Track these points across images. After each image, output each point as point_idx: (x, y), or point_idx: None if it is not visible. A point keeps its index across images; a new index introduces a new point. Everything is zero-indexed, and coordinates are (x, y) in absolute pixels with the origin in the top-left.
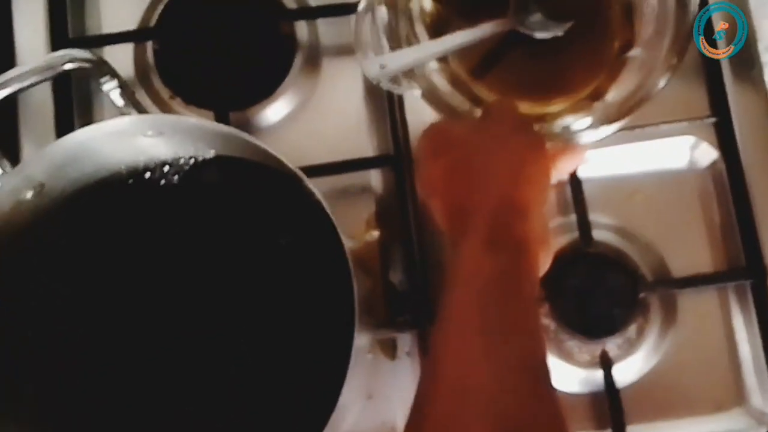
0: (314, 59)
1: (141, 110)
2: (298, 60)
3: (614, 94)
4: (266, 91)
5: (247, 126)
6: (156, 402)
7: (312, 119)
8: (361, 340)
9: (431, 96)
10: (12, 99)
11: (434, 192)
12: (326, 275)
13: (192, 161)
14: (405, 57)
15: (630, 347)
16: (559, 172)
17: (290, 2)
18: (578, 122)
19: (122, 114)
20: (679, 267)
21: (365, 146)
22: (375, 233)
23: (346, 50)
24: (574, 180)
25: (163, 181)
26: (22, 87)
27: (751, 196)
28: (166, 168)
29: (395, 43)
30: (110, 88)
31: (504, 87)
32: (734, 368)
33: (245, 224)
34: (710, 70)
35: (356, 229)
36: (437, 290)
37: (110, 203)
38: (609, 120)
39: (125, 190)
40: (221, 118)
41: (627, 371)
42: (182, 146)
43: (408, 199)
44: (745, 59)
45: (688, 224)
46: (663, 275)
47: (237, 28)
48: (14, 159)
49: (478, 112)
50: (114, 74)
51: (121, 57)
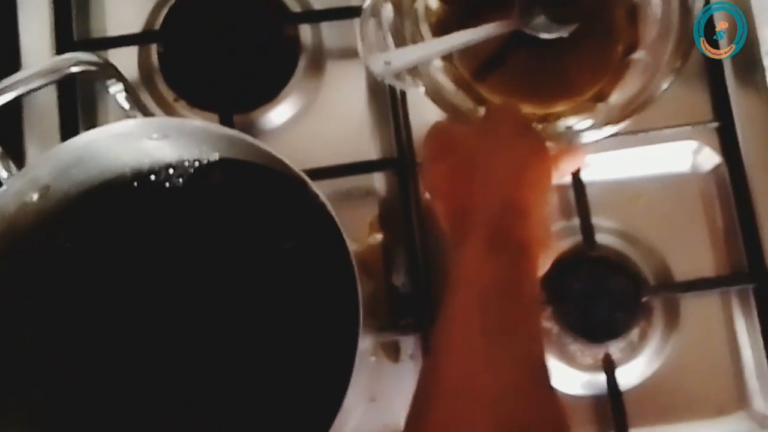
0: (318, 62)
1: (146, 113)
2: (302, 63)
3: (618, 96)
4: (270, 94)
5: (251, 129)
6: (159, 404)
7: (315, 122)
8: (365, 343)
9: (435, 94)
10: (17, 101)
11: (437, 193)
12: (331, 278)
13: (196, 164)
14: (410, 54)
15: (633, 351)
16: (561, 174)
17: (294, 5)
18: (581, 123)
19: (127, 117)
20: (682, 271)
21: (369, 149)
22: (378, 236)
23: (350, 53)
24: (578, 183)
25: (168, 184)
26: (28, 90)
27: (754, 201)
28: (171, 171)
29: (400, 41)
30: (116, 91)
31: (507, 88)
32: (737, 372)
33: (249, 227)
34: (713, 75)
35: (359, 232)
36: (440, 293)
37: (115, 206)
38: (612, 121)
39: (130, 193)
40: (225, 121)
41: (630, 375)
42: (187, 149)
43: (411, 203)
44: (748, 64)
45: (691, 228)
46: (666, 279)
47: (241, 31)
48: (19, 161)
49: (482, 111)
50: (120, 77)
51: (126, 60)
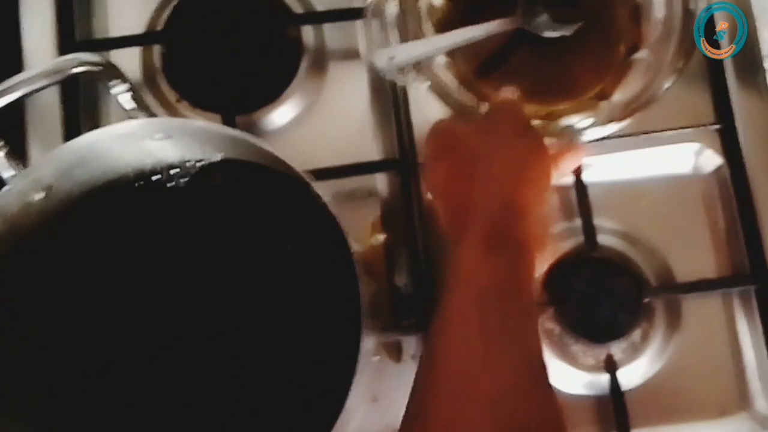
0: (320, 63)
1: (149, 114)
2: (305, 64)
3: (620, 95)
4: (272, 95)
5: (254, 129)
6: (162, 404)
7: (318, 123)
8: (367, 344)
9: (438, 90)
10: (20, 102)
11: (437, 192)
12: (333, 279)
13: (199, 164)
14: (413, 50)
15: (634, 352)
16: (560, 173)
17: (297, 7)
18: (583, 121)
19: (131, 117)
20: (684, 272)
21: (371, 150)
22: (380, 237)
23: (352, 55)
24: (580, 185)
25: (171, 184)
26: (32, 90)
27: (756, 202)
28: (174, 171)
29: (404, 38)
30: (119, 92)
31: (510, 86)
32: (738, 373)
33: (252, 227)
34: (714, 77)
35: (362, 233)
36: (440, 293)
37: (117, 206)
38: (614, 120)
39: (132, 193)
40: (228, 122)
41: (632, 375)
42: (190, 149)
43: (413, 203)
44: (749, 66)
45: (693, 230)
46: (667, 280)
47: (244, 32)
48: (21, 162)
49: (484, 108)
50: (123, 78)
51: (129, 60)
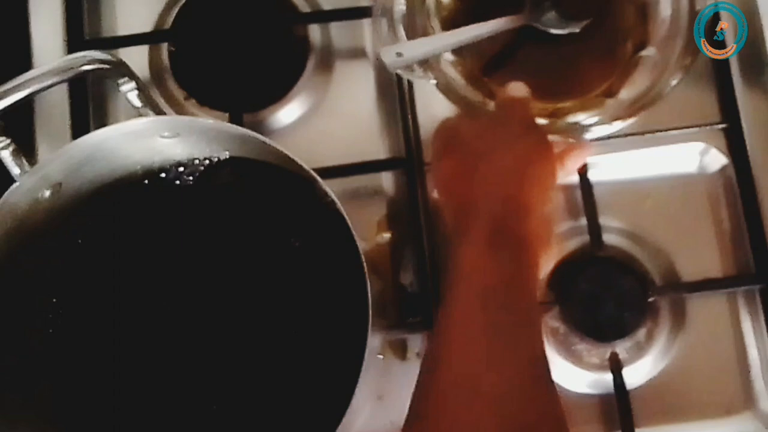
0: (327, 62)
1: (158, 112)
2: (311, 63)
3: (627, 93)
4: (279, 94)
5: (260, 128)
6: (169, 401)
7: (324, 121)
8: (373, 342)
9: (446, 87)
10: (28, 100)
11: (443, 190)
12: (340, 277)
13: (207, 162)
14: (421, 46)
15: (639, 351)
16: (565, 172)
17: (303, 6)
18: (590, 118)
19: (139, 115)
20: (689, 271)
21: (377, 149)
22: (386, 235)
23: (359, 53)
24: (585, 184)
25: (178, 182)
26: (41, 88)
27: (761, 202)
28: (181, 169)
29: (412, 34)
30: (128, 90)
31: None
32: (743, 372)
33: (259, 225)
34: (720, 77)
35: (367, 231)
36: (445, 291)
37: (125, 203)
38: (621, 117)
39: (141, 190)
40: (235, 120)
41: (636, 374)
42: (197, 147)
43: (419, 202)
44: (755, 65)
45: (698, 229)
46: (673, 279)
47: (251, 31)
48: (30, 159)
49: (491, 105)
50: (132, 75)
51: (137, 59)
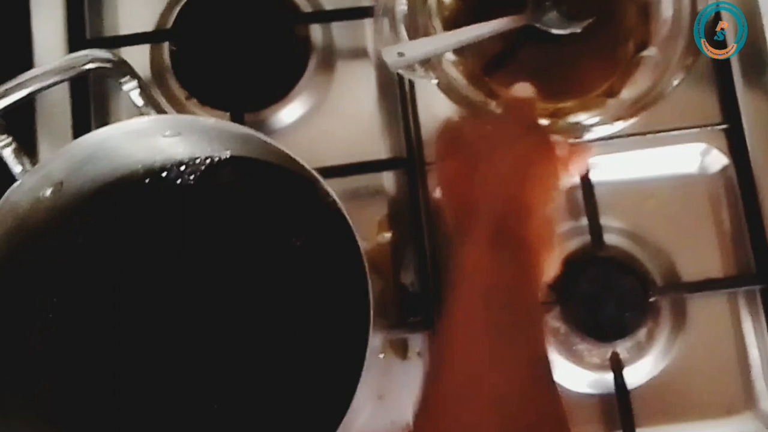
0: (328, 62)
1: (160, 111)
2: (313, 62)
3: (628, 93)
4: (281, 93)
5: (262, 127)
6: (170, 401)
7: (325, 121)
8: (374, 341)
9: (447, 87)
10: (30, 99)
11: (445, 190)
12: (341, 276)
13: (208, 161)
14: (423, 46)
15: (640, 351)
16: (567, 174)
17: (305, 5)
18: (591, 118)
19: (141, 114)
20: (690, 272)
21: (378, 148)
22: (387, 235)
23: (360, 53)
24: (586, 184)
25: (179, 181)
26: (43, 86)
27: (761, 202)
28: (183, 168)
29: (413, 34)
30: (130, 89)
31: (518, 83)
32: (744, 372)
33: (260, 225)
34: (721, 77)
35: (368, 231)
36: (447, 291)
37: (127, 202)
38: (622, 117)
39: (142, 190)
40: (236, 120)
41: (637, 374)
42: (199, 146)
43: (420, 202)
44: (756, 66)
45: (699, 229)
46: (673, 280)
47: (252, 31)
48: (31, 159)
49: (493, 104)
50: (134, 75)
51: (138, 58)
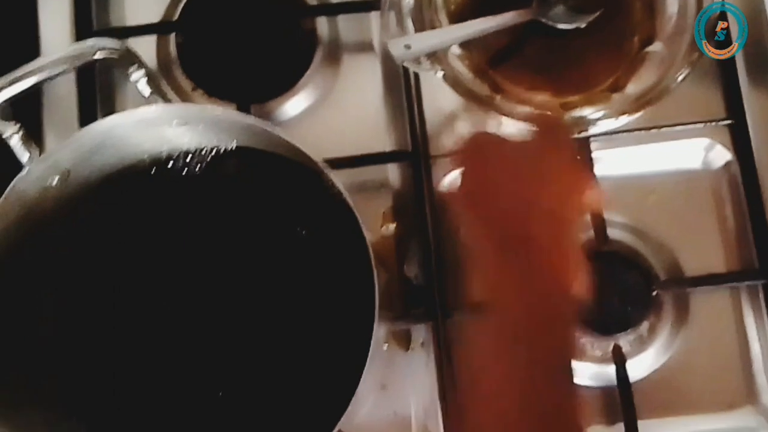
0: (334, 55)
1: (167, 100)
2: (319, 55)
3: (633, 87)
4: (287, 86)
5: (268, 119)
6: (177, 388)
7: (331, 113)
8: (377, 332)
9: (453, 80)
10: (36, 89)
11: (468, 204)
12: (346, 267)
13: (214, 152)
14: (429, 39)
15: (642, 344)
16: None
17: None
18: (596, 113)
19: (148, 103)
20: (693, 266)
21: (383, 141)
22: (391, 227)
23: (366, 46)
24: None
25: (186, 171)
26: (52, 75)
27: (765, 198)
28: (189, 158)
29: (420, 27)
30: (137, 78)
31: (524, 77)
32: (745, 367)
33: (266, 216)
34: (726, 73)
35: (373, 223)
36: (452, 284)
37: (133, 191)
38: (627, 112)
39: (148, 179)
40: (243, 111)
41: (639, 367)
42: (205, 137)
43: (425, 195)
44: (760, 62)
45: (702, 224)
46: (676, 274)
47: (259, 23)
48: (37, 147)
49: (498, 98)
50: (141, 64)
51: (144, 50)
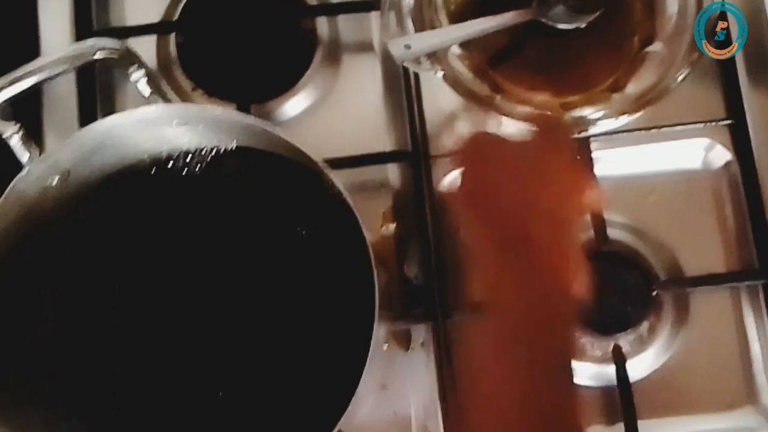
0: (334, 55)
1: (167, 100)
2: (319, 55)
3: (633, 87)
4: (287, 86)
5: (268, 119)
6: (177, 387)
7: (331, 113)
8: (377, 332)
9: (453, 80)
10: (36, 89)
11: (467, 204)
12: (346, 267)
13: (214, 152)
14: (429, 39)
15: (642, 344)
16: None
17: None
18: (596, 113)
19: (148, 104)
20: (693, 266)
21: (383, 141)
22: (391, 227)
23: (366, 46)
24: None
25: (186, 171)
26: (51, 75)
27: (765, 198)
28: (189, 158)
29: (420, 27)
30: (137, 78)
31: (523, 77)
32: (745, 367)
33: (266, 216)
34: (726, 73)
35: (373, 223)
36: (452, 284)
37: (133, 191)
38: (627, 112)
39: (148, 179)
40: (243, 111)
41: (639, 367)
42: (205, 137)
43: (425, 195)
44: (760, 62)
45: (702, 224)
46: (676, 274)
47: (259, 23)
48: (37, 147)
49: (498, 98)
50: (141, 64)
51: (144, 50)
